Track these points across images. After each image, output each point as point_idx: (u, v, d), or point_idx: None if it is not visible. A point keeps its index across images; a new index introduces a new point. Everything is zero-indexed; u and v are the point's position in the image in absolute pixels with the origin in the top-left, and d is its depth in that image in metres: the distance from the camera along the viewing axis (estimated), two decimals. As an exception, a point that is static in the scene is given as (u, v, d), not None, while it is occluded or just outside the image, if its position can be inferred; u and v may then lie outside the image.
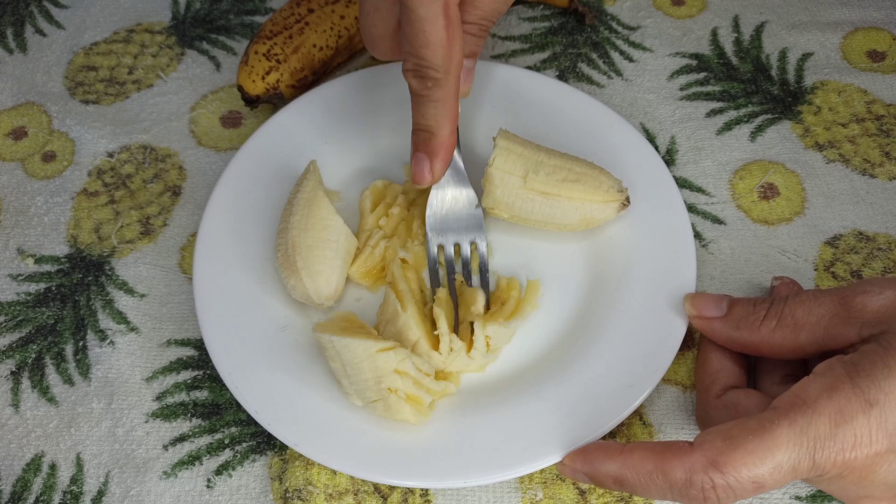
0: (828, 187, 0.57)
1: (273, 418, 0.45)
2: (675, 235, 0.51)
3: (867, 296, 0.40)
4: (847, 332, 0.40)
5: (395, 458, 0.44)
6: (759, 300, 0.44)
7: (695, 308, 0.46)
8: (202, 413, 0.49)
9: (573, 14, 0.67)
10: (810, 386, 0.37)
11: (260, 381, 0.46)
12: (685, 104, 0.61)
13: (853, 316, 0.40)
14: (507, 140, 0.50)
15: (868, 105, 0.60)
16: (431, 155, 0.47)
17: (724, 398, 0.43)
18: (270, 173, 0.55)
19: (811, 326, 0.41)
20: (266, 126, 0.57)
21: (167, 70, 0.65)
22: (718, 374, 0.45)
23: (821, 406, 0.36)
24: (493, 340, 0.47)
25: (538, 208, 0.50)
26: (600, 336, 0.48)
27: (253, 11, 0.69)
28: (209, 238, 0.52)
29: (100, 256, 0.56)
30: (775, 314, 0.42)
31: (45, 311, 0.53)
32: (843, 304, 0.40)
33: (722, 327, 0.45)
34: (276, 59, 0.59)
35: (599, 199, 0.50)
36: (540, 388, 0.46)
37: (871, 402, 0.35)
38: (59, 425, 0.49)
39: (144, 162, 0.60)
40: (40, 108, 0.64)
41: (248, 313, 0.49)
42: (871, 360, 0.37)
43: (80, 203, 0.58)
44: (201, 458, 0.48)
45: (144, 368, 0.51)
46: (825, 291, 0.42)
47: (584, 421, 0.44)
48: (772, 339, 0.43)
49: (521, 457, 0.43)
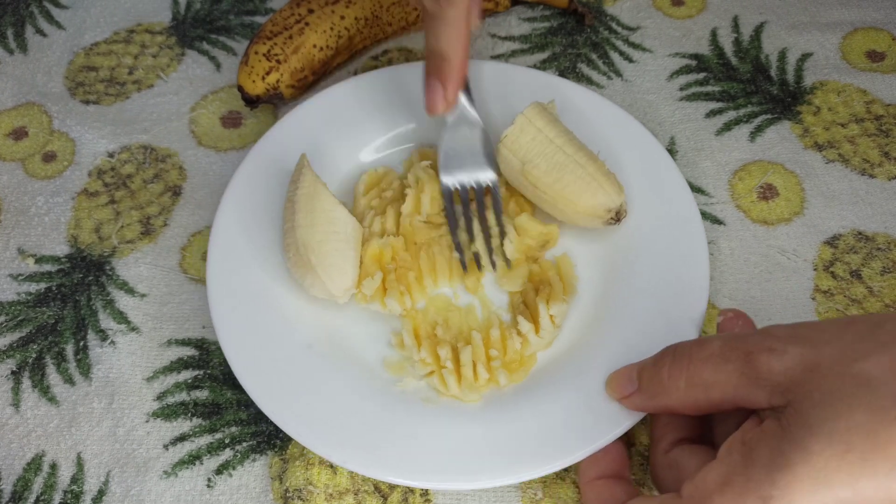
0: (827, 187, 0.57)
1: (319, 440, 0.44)
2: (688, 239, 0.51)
3: (771, 356, 0.36)
4: (756, 396, 0.36)
5: (425, 458, 0.44)
6: (660, 356, 0.41)
7: (614, 391, 0.44)
8: (202, 413, 0.49)
9: (573, 14, 0.67)
10: (709, 476, 0.35)
11: (297, 403, 0.45)
12: (685, 105, 0.61)
13: (761, 378, 0.36)
14: (529, 115, 0.50)
15: (867, 105, 0.60)
16: (445, 80, 0.47)
17: (671, 455, 0.41)
18: (282, 175, 0.54)
19: (721, 386, 0.37)
20: (273, 131, 0.56)
21: (167, 70, 0.66)
22: (667, 427, 0.42)
23: (715, 501, 0.34)
24: (558, 318, 0.48)
25: (530, 194, 0.52)
26: (610, 342, 0.48)
27: (253, 12, 0.69)
28: (222, 247, 0.51)
29: (100, 256, 0.56)
30: (679, 372, 0.39)
31: (46, 311, 0.53)
32: (749, 362, 0.36)
33: (640, 401, 0.42)
34: (276, 59, 0.59)
35: (584, 211, 0.50)
36: (557, 387, 0.47)
37: (766, 498, 0.33)
38: (60, 425, 0.49)
39: (145, 162, 0.60)
40: (41, 109, 0.64)
41: (272, 333, 0.48)
42: (769, 446, 0.34)
43: (80, 203, 0.58)
44: (202, 457, 0.48)
45: (145, 368, 0.51)
46: (730, 343, 0.38)
47: (592, 424, 0.44)
48: (685, 398, 0.39)
49: (543, 456, 0.43)
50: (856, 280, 0.52)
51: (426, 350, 0.48)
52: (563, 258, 0.52)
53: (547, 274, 0.51)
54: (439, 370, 0.47)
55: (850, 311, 0.51)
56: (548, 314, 0.48)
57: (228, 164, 0.60)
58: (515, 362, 0.48)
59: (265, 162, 0.55)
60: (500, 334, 0.48)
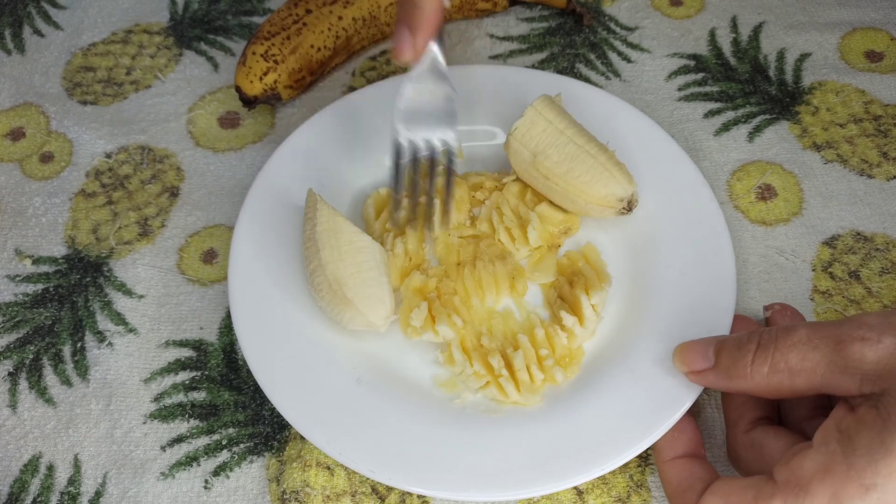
0: (826, 188, 0.57)
1: (403, 475, 0.43)
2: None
3: (865, 344, 0.36)
4: (846, 383, 0.37)
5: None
6: (745, 338, 0.41)
7: (684, 363, 0.43)
8: (200, 414, 0.49)
9: (571, 15, 0.67)
10: (806, 463, 0.35)
11: (366, 443, 0.44)
12: (683, 105, 0.61)
13: (851, 366, 0.36)
14: (539, 108, 0.50)
15: (866, 105, 0.60)
16: (414, 28, 0.45)
17: (752, 435, 0.41)
18: (288, 210, 0.53)
19: (807, 373, 0.38)
20: (270, 164, 0.55)
21: (165, 71, 0.65)
22: (745, 407, 0.43)
23: (814, 488, 0.34)
24: (599, 307, 0.49)
25: (541, 186, 0.52)
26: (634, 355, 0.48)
27: (251, 12, 0.69)
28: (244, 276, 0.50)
29: (98, 257, 0.56)
30: (764, 358, 0.39)
31: (43, 312, 0.53)
32: (839, 350, 0.37)
33: (715, 379, 0.42)
34: (273, 59, 0.59)
35: (596, 201, 0.50)
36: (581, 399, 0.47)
37: (868, 487, 0.33)
38: (57, 426, 0.49)
39: (142, 163, 0.60)
40: (38, 109, 0.64)
41: (318, 375, 0.47)
42: (869, 435, 0.34)
43: (77, 204, 0.58)
44: (199, 459, 0.48)
45: (143, 370, 0.51)
46: (818, 331, 0.38)
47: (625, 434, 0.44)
48: (768, 385, 0.39)
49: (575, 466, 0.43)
50: (854, 281, 0.52)
51: (478, 362, 0.47)
52: (589, 247, 0.52)
53: (577, 265, 0.51)
54: (495, 379, 0.47)
55: (849, 311, 0.51)
56: (590, 304, 0.48)
57: (226, 165, 0.60)
58: (566, 357, 0.48)
59: (269, 198, 0.53)
60: (545, 333, 0.48)
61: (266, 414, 0.49)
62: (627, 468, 0.46)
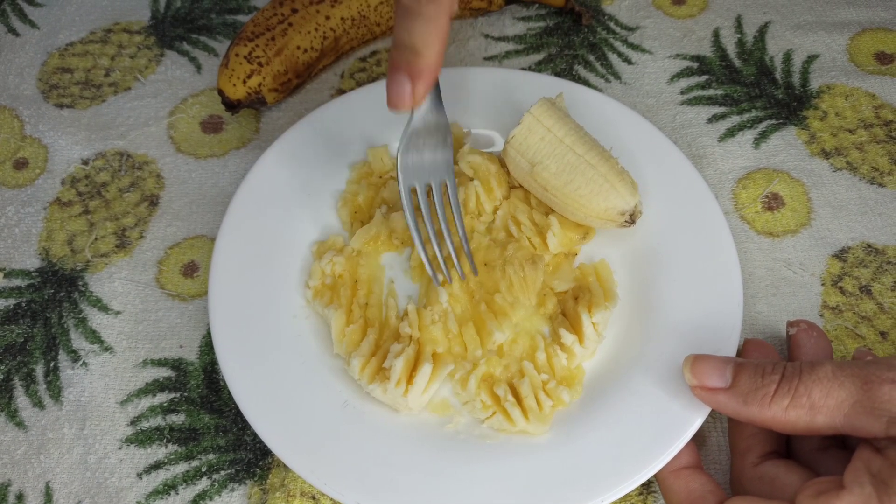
0: (835, 197, 0.54)
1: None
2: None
3: (895, 387, 0.35)
4: (871, 425, 0.35)
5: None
6: (769, 368, 0.39)
7: (695, 377, 0.41)
8: (178, 438, 0.47)
9: (569, 14, 0.65)
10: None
11: (356, 474, 0.42)
12: (686, 109, 0.59)
13: (879, 408, 0.35)
14: (537, 114, 0.48)
15: (876, 110, 0.58)
16: (415, 76, 0.42)
17: (762, 468, 0.40)
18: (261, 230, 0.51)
19: (829, 410, 0.36)
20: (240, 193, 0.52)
21: (145, 72, 0.63)
22: (755, 440, 0.41)
23: None
24: (601, 326, 0.46)
25: (541, 197, 0.50)
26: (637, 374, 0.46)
27: (236, 10, 0.66)
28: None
29: (73, 271, 0.53)
30: (788, 390, 0.37)
31: (15, 329, 0.51)
32: (867, 391, 0.36)
33: (727, 401, 0.39)
34: (257, 61, 0.56)
35: (596, 214, 0.47)
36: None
37: None
38: (28, 452, 0.47)
39: (120, 169, 0.57)
40: (12, 113, 0.61)
41: (304, 400, 0.45)
42: None
43: (52, 213, 0.56)
44: (177, 486, 0.45)
45: (119, 391, 0.48)
46: (845, 370, 0.37)
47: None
48: (785, 418, 0.37)
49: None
50: (865, 296, 0.50)
51: (485, 392, 0.45)
52: (602, 264, 0.50)
53: (587, 279, 0.49)
54: (501, 408, 0.44)
55: (860, 328, 0.49)
56: (590, 322, 0.46)
57: (208, 172, 0.57)
58: (566, 378, 0.46)
59: (253, 207, 0.51)
60: (546, 357, 0.46)
61: (248, 439, 0.46)
62: (629, 496, 0.44)
